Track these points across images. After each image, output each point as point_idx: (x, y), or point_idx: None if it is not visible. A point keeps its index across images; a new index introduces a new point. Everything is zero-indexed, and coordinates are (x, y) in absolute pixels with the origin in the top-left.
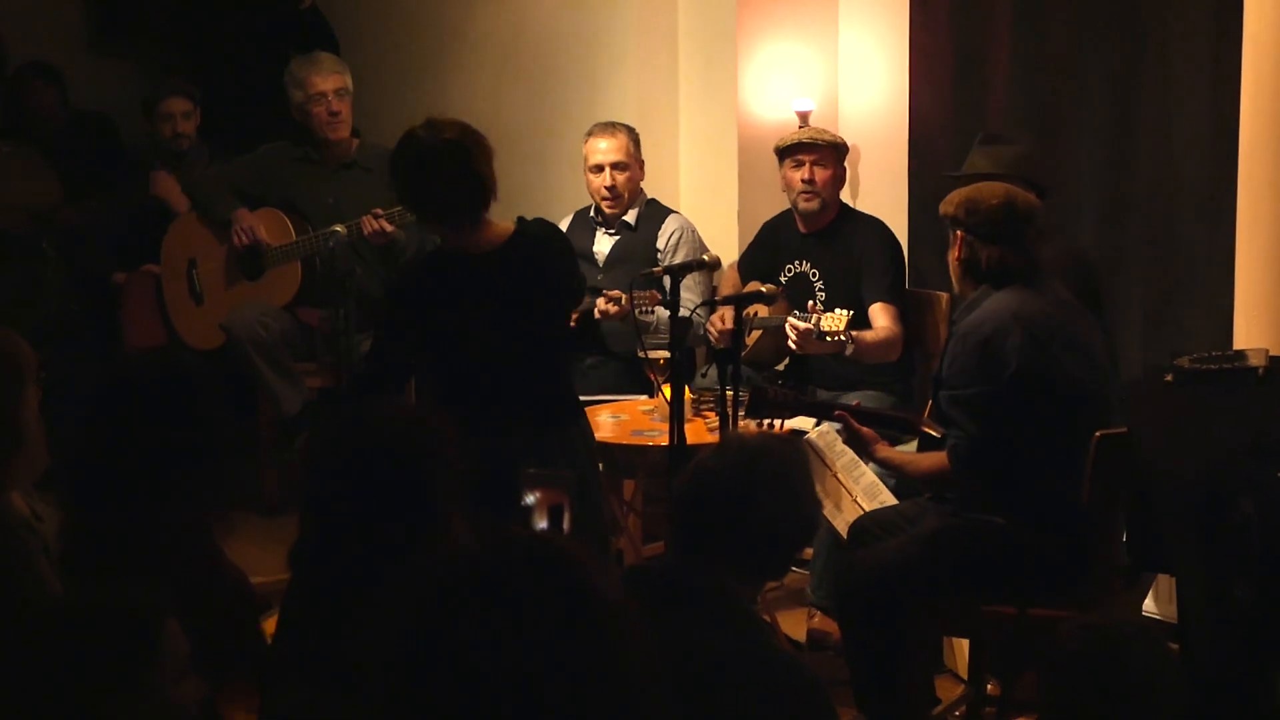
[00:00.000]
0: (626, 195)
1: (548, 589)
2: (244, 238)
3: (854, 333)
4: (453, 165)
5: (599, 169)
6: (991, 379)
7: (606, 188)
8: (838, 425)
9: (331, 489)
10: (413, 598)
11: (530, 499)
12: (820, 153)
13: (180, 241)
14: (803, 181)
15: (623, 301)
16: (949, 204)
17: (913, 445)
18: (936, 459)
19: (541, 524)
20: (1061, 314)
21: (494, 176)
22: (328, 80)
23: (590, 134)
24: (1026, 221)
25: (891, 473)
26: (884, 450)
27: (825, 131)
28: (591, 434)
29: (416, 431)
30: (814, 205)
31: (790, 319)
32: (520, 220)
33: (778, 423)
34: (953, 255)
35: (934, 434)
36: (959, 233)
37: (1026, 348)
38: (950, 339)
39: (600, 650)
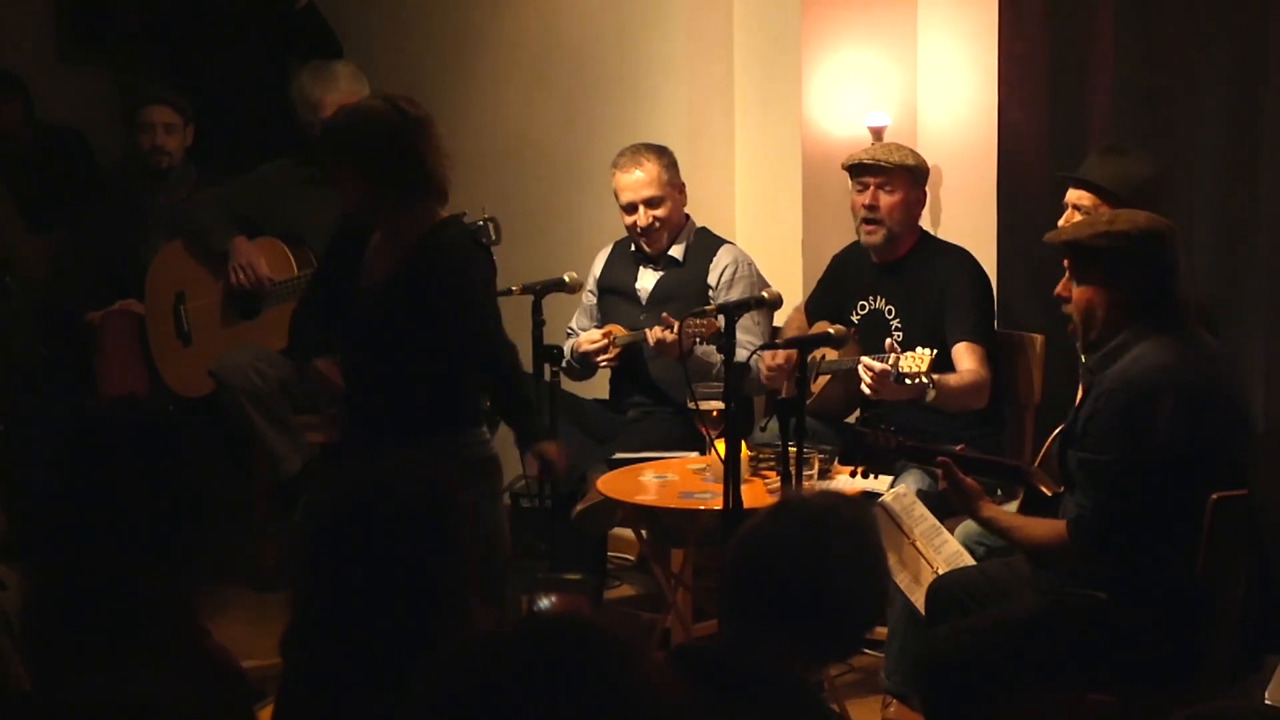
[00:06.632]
0: (667, 230)
1: (587, 673)
2: (242, 276)
3: (936, 376)
4: (425, 140)
5: (631, 207)
6: (1135, 446)
7: (642, 228)
8: (919, 485)
9: (333, 562)
10: (446, 684)
11: (543, 604)
12: (887, 175)
13: (166, 274)
14: (864, 208)
15: (674, 330)
16: (1082, 228)
17: (1013, 502)
18: (1052, 529)
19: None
20: (1215, 371)
21: None
22: (344, 100)
23: (615, 166)
24: (1173, 255)
25: (994, 535)
26: (989, 509)
27: (899, 149)
28: (477, 451)
29: (431, 496)
30: (876, 238)
31: (865, 360)
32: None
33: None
34: (1085, 294)
35: (1045, 492)
36: (1099, 268)
37: (1179, 415)
38: (1089, 390)
39: None
